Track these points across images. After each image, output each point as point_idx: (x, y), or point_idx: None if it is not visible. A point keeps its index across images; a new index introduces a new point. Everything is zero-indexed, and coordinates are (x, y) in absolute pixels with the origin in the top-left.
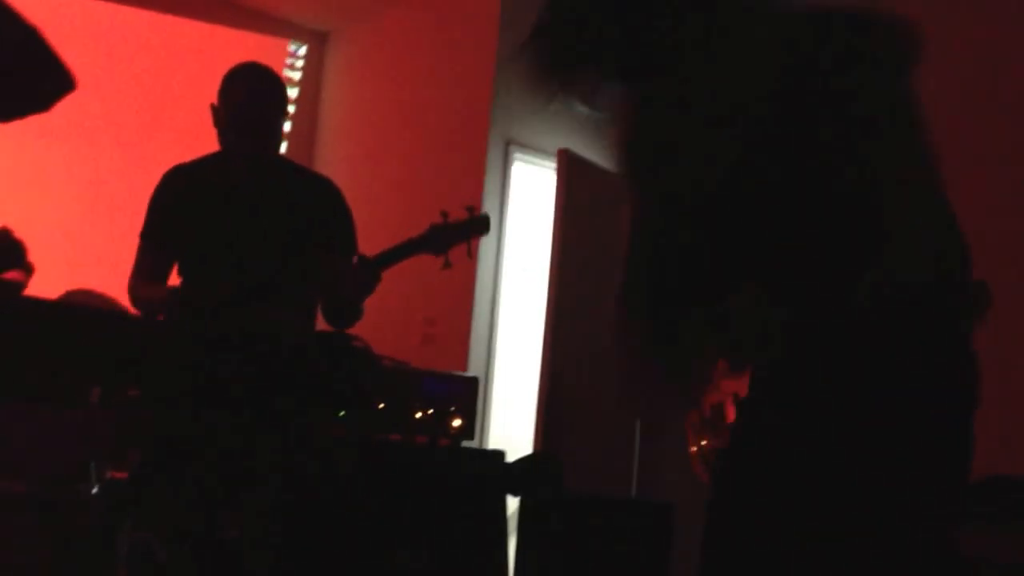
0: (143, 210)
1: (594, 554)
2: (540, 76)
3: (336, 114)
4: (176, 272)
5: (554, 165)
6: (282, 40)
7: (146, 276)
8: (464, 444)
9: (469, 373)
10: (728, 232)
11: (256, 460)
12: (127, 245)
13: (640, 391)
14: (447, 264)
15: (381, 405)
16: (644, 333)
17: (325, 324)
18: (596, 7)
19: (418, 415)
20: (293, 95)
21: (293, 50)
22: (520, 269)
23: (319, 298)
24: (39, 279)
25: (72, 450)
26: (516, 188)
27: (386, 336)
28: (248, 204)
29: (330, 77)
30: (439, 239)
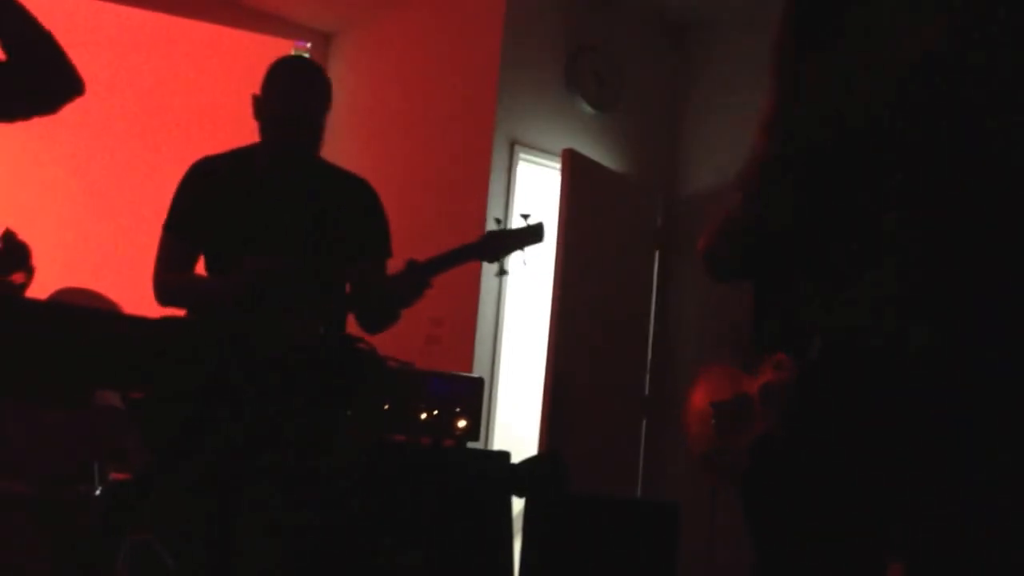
0: (146, 210)
1: (600, 554)
2: None
3: (340, 115)
4: (204, 267)
5: (559, 165)
6: (287, 41)
7: (174, 268)
8: (469, 445)
9: (474, 374)
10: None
11: (261, 461)
12: (129, 244)
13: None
14: (502, 272)
15: (386, 406)
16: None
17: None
18: None
19: (423, 416)
20: None
21: (297, 51)
22: (525, 269)
23: (353, 302)
24: (41, 279)
25: (74, 451)
26: (521, 188)
27: (391, 337)
28: (283, 201)
29: (334, 78)
30: (494, 246)
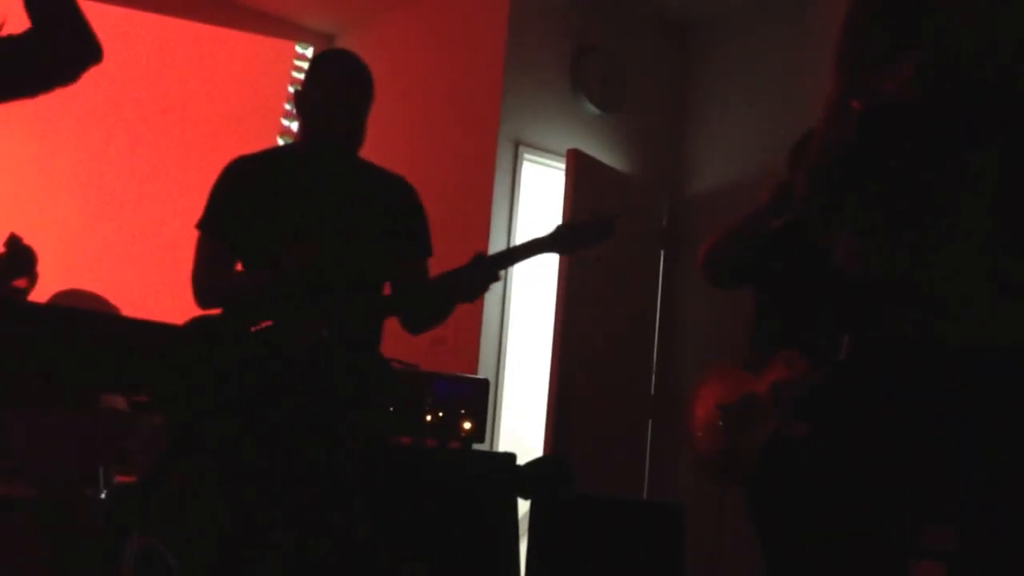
0: (150, 211)
1: (606, 556)
2: None
3: None
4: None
5: (563, 165)
6: (289, 42)
7: (211, 268)
8: (474, 447)
9: (479, 375)
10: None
11: (269, 463)
12: (133, 247)
13: None
14: (581, 264)
15: (391, 408)
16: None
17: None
18: None
19: (428, 418)
20: None
21: (300, 52)
22: (529, 269)
23: (395, 303)
24: (43, 282)
25: (79, 454)
26: (525, 188)
27: (396, 338)
28: (322, 201)
29: None
30: (568, 239)
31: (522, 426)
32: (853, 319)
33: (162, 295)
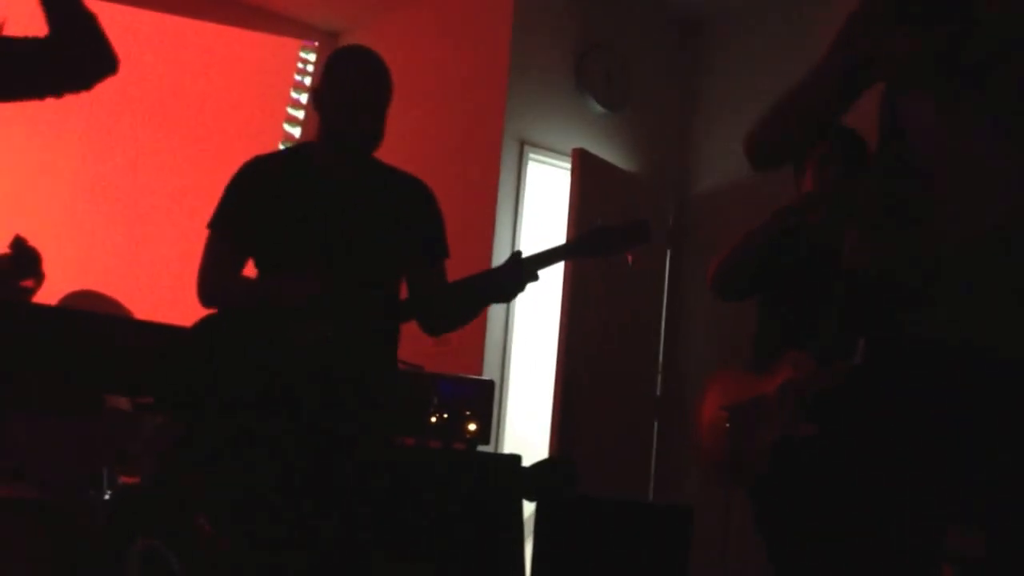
0: (154, 211)
1: (612, 558)
2: None
3: None
4: (256, 271)
5: (569, 165)
6: (294, 41)
7: (220, 269)
8: (479, 448)
9: (484, 376)
10: None
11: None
12: (139, 247)
13: None
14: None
15: (395, 408)
16: None
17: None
18: None
19: (433, 419)
20: (305, 96)
21: (303, 57)
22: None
23: (412, 307)
24: (50, 283)
25: (83, 455)
26: (531, 188)
27: (401, 339)
28: (340, 204)
29: None
30: (602, 243)
31: (527, 427)
32: (869, 321)
33: (168, 295)
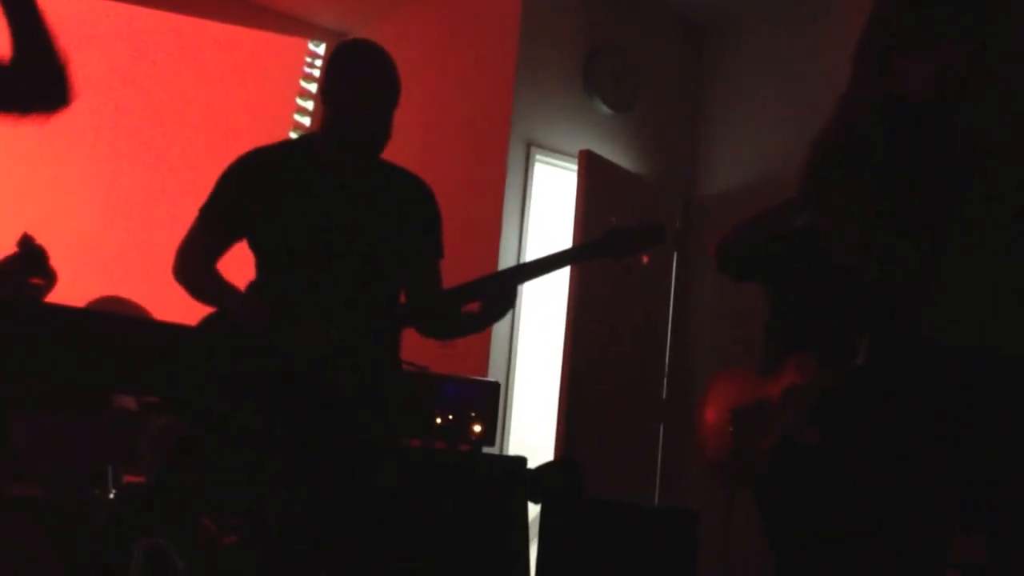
0: (161, 211)
1: (617, 562)
2: None
3: None
4: (255, 267)
5: (575, 166)
6: (301, 40)
7: (201, 255)
8: (484, 450)
9: (490, 378)
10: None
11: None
12: (147, 247)
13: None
14: (629, 270)
15: (400, 410)
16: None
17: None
18: None
19: (438, 420)
20: (315, 86)
21: (312, 50)
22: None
23: (410, 312)
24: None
25: (88, 454)
26: (537, 189)
27: (406, 340)
28: (341, 201)
29: None
30: (621, 244)
31: (533, 429)
32: (871, 322)
33: (174, 294)
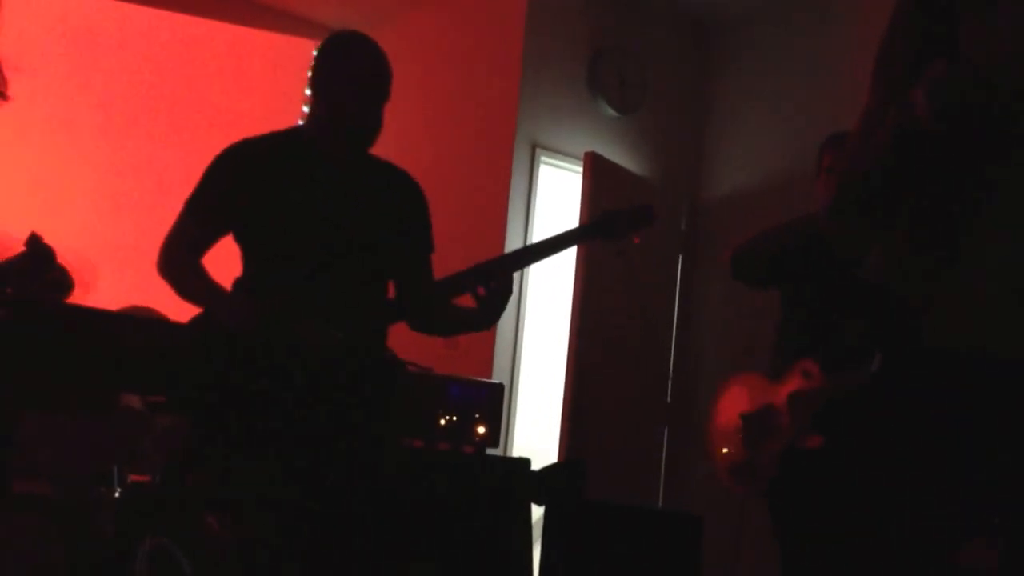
0: (167, 211)
1: (621, 564)
2: None
3: None
4: (242, 259)
5: (580, 168)
6: (307, 41)
7: (187, 248)
8: (488, 451)
9: (494, 379)
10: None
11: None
12: (152, 244)
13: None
14: (622, 253)
15: (404, 411)
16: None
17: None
18: None
19: (442, 422)
20: None
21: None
22: (545, 273)
23: (401, 308)
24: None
25: (94, 453)
26: (542, 191)
27: (410, 341)
28: (330, 194)
29: None
30: (613, 226)
31: (537, 431)
32: (887, 333)
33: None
